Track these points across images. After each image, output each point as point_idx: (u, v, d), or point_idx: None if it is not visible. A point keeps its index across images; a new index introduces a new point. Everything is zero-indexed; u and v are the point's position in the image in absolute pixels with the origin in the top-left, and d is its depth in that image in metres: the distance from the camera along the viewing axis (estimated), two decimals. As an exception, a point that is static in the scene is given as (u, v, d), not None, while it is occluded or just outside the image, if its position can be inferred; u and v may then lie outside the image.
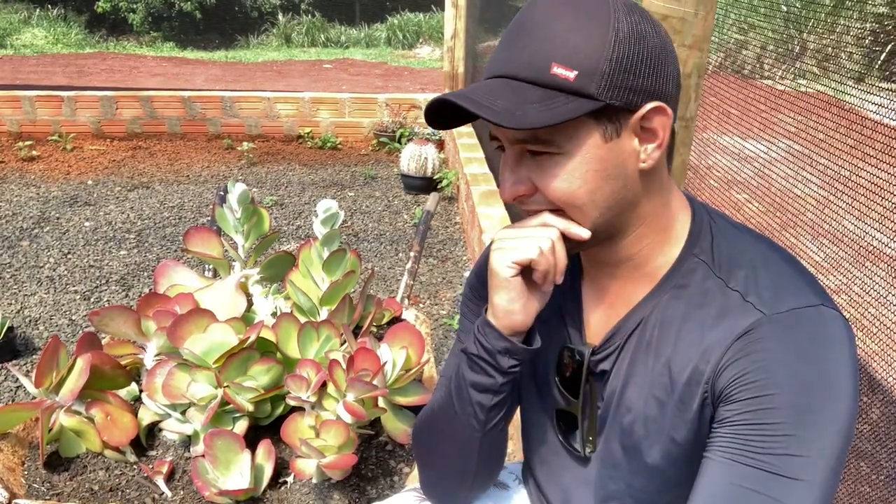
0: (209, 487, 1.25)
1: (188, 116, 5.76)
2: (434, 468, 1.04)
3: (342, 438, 1.23)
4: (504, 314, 0.85)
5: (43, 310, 3.07)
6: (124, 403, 1.41)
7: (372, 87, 8.06)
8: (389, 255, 3.66)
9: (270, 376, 1.38)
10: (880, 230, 1.16)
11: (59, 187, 4.62)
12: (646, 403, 0.84)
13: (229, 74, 8.90)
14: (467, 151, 4.16)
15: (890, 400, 1.27)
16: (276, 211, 4.26)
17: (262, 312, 1.76)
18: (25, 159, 5.15)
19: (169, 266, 1.79)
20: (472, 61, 5.21)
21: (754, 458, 0.72)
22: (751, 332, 0.75)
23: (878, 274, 1.20)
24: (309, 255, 1.74)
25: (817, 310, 0.75)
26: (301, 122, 5.80)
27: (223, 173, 4.96)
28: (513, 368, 0.88)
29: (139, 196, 4.51)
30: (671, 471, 0.85)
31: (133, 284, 3.31)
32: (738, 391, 0.75)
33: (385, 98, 5.78)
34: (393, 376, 1.40)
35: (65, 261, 3.55)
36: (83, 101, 5.64)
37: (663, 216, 0.83)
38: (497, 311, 0.85)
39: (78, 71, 8.75)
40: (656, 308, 0.84)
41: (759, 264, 0.80)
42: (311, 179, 4.89)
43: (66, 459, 1.35)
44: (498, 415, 0.93)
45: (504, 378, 0.88)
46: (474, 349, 0.88)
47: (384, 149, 5.57)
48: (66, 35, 11.54)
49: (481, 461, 0.98)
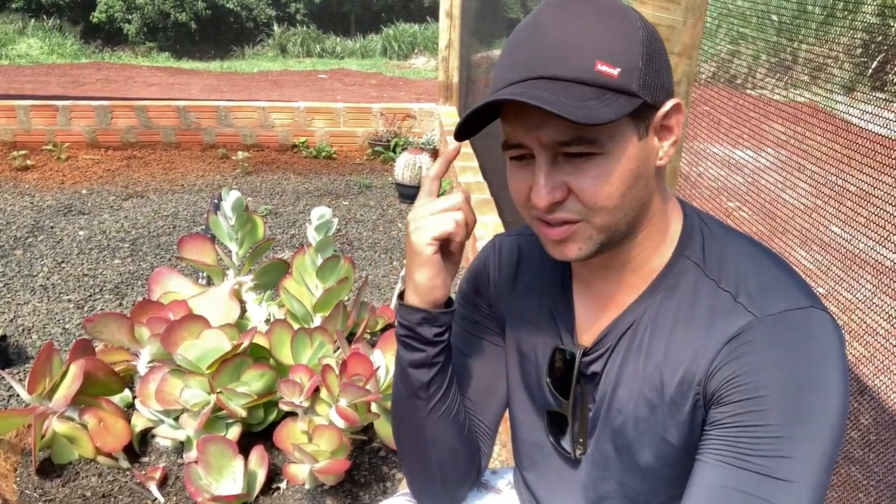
0: (202, 493, 1.25)
1: (183, 126, 5.77)
2: (405, 463, 1.05)
3: (335, 443, 1.23)
4: (427, 290, 0.87)
5: (36, 318, 3.05)
6: (117, 409, 1.41)
7: (367, 97, 8.09)
8: (384, 264, 3.67)
9: (264, 382, 1.38)
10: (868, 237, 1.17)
11: (53, 196, 4.61)
12: (636, 405, 0.85)
13: (224, 84, 8.91)
14: (462, 161, 4.18)
15: (879, 405, 1.28)
16: (271, 220, 4.26)
17: (255, 319, 1.77)
18: (20, 168, 5.14)
19: (163, 273, 1.80)
20: (466, 71, 5.23)
21: (746, 460, 0.73)
22: (742, 334, 0.75)
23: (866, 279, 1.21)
24: (303, 262, 1.75)
25: (807, 312, 0.75)
26: (296, 131, 5.81)
27: (218, 182, 4.96)
28: (438, 337, 0.90)
29: (133, 205, 4.50)
30: (664, 472, 0.85)
31: (127, 293, 3.30)
32: (729, 393, 0.75)
33: (380, 107, 5.80)
34: (386, 381, 1.40)
35: (58, 269, 3.54)
36: (78, 110, 5.64)
37: (663, 217, 0.84)
38: (420, 288, 0.87)
39: (73, 81, 8.75)
40: (648, 310, 0.84)
41: (749, 266, 0.80)
42: (306, 188, 4.90)
43: (59, 466, 1.35)
44: (438, 392, 0.94)
45: (433, 349, 0.90)
46: (401, 330, 0.90)
47: (379, 158, 5.58)
48: (62, 45, 11.55)
49: (436, 452, 0.98)
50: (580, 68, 0.72)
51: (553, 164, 0.77)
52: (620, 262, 0.85)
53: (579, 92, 0.71)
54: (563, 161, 0.76)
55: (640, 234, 0.83)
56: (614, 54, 0.72)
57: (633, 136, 0.75)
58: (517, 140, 0.78)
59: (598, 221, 0.78)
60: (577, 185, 0.76)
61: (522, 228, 1.03)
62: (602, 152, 0.74)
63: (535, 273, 0.99)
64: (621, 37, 0.73)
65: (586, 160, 0.75)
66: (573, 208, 0.78)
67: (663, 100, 0.76)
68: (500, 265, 1.02)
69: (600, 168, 0.75)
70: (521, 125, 0.77)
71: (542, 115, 0.72)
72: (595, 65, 0.72)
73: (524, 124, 0.76)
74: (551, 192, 0.76)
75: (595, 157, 0.75)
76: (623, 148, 0.75)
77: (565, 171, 0.76)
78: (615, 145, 0.74)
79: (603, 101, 0.71)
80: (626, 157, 0.75)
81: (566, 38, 0.73)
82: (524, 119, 0.76)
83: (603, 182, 0.75)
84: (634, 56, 0.73)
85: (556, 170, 0.77)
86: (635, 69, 0.73)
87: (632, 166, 0.76)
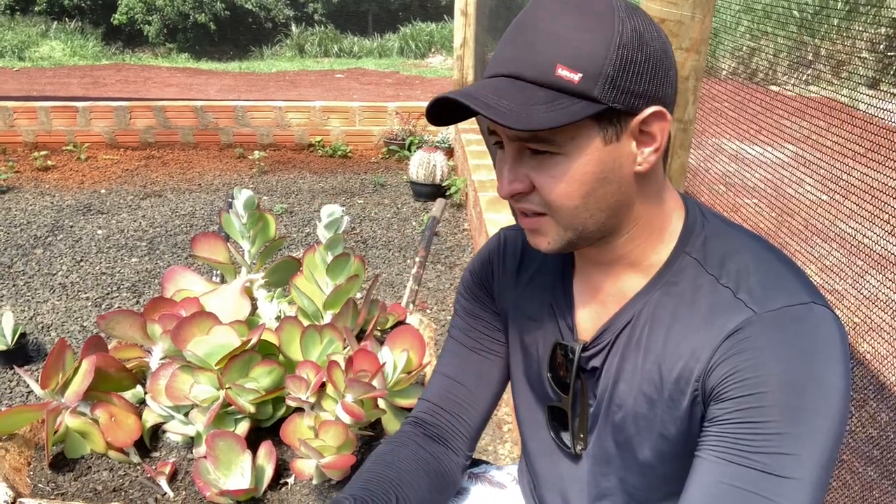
0: (210, 488, 1.26)
1: (200, 126, 5.83)
2: None
3: (341, 439, 1.24)
4: None
5: (55, 316, 3.10)
6: (128, 405, 1.42)
7: (383, 97, 8.11)
8: (397, 262, 3.68)
9: (272, 378, 1.39)
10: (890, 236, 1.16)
11: (72, 196, 4.68)
12: (636, 401, 0.85)
13: (242, 84, 8.99)
14: (476, 158, 4.18)
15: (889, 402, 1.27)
16: (286, 218, 4.29)
17: (266, 316, 1.78)
18: (40, 169, 5.23)
19: (176, 271, 1.82)
20: (480, 69, 5.23)
21: (745, 456, 0.72)
22: (741, 329, 0.75)
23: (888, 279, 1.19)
24: (313, 260, 1.76)
25: (808, 307, 0.75)
26: (312, 130, 5.85)
27: (234, 182, 5.01)
28: None
29: (151, 204, 4.56)
30: (662, 467, 0.85)
31: (144, 291, 3.34)
32: (728, 390, 0.75)
33: (395, 106, 5.82)
34: (393, 378, 1.40)
35: (77, 268, 3.60)
36: (97, 111, 5.73)
37: (657, 217, 0.84)
38: None
39: (93, 82, 8.87)
40: (647, 305, 0.84)
41: (750, 262, 0.80)
42: (322, 187, 4.93)
43: (71, 460, 1.37)
44: None
45: None
46: None
47: (394, 156, 5.60)
48: (83, 47, 11.72)
49: None
50: (541, 71, 0.74)
51: (519, 157, 0.79)
52: (613, 257, 0.86)
53: (529, 95, 0.73)
54: (528, 155, 0.78)
55: (626, 233, 0.83)
56: (578, 59, 0.73)
57: (596, 140, 0.75)
58: (493, 127, 0.80)
59: (560, 220, 0.80)
60: (537, 180, 0.78)
61: None
62: (561, 152, 0.76)
63: (537, 267, 0.99)
64: (592, 41, 0.73)
65: (549, 158, 0.77)
66: (536, 201, 0.80)
67: (641, 106, 0.75)
68: (503, 259, 1.03)
69: (559, 167, 0.76)
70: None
71: None
72: (556, 69, 0.73)
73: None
74: (511, 184, 0.79)
75: (556, 157, 0.76)
76: (584, 150, 0.75)
77: (529, 164, 0.79)
78: (575, 147, 0.75)
79: (551, 107, 0.72)
80: (586, 159, 0.76)
81: (536, 40, 0.75)
82: None
83: (559, 181, 0.77)
84: (603, 61, 0.72)
85: (521, 163, 0.79)
86: (600, 75, 0.72)
87: (593, 169, 0.76)
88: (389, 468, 0.97)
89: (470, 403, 1.05)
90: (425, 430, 1.04)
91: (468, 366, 1.05)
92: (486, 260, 1.05)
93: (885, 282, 1.19)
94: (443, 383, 1.06)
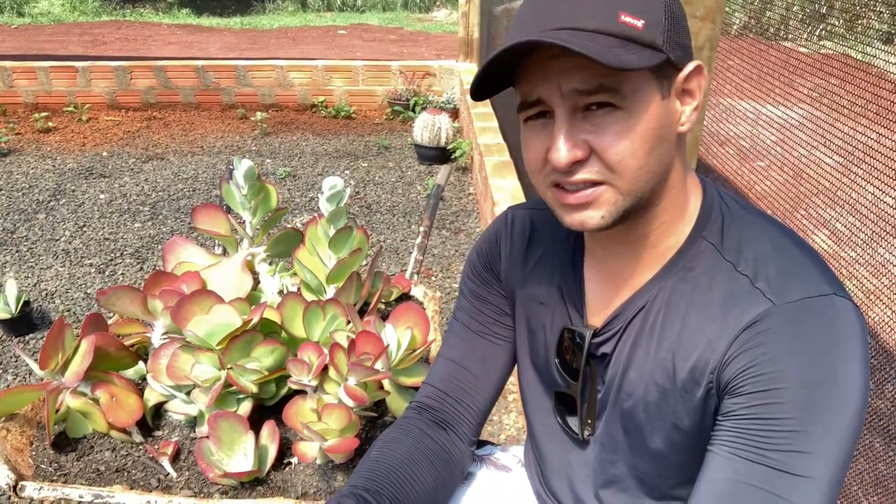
0: (213, 469, 1.25)
1: (202, 86, 5.74)
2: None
3: (344, 422, 1.23)
4: None
5: (59, 283, 3.09)
6: (129, 384, 1.41)
7: (386, 54, 7.97)
8: (402, 227, 3.64)
9: (274, 357, 1.37)
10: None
11: (74, 159, 4.64)
12: (647, 389, 0.82)
13: (244, 42, 8.83)
14: (481, 121, 4.10)
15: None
16: (290, 182, 4.24)
17: (268, 291, 1.76)
18: (42, 131, 5.17)
19: (177, 243, 1.79)
20: (487, 26, 5.10)
21: (760, 453, 0.70)
22: (759, 322, 0.72)
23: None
24: (315, 233, 1.72)
25: (829, 299, 0.72)
26: (314, 90, 5.75)
27: (237, 144, 4.95)
28: None
29: (153, 168, 4.51)
30: (674, 457, 0.84)
31: (147, 257, 3.32)
32: (744, 384, 0.72)
33: (399, 65, 5.71)
34: (398, 357, 1.38)
35: (80, 234, 3.58)
36: (98, 71, 5.64)
37: (683, 190, 0.80)
38: None
39: (93, 40, 8.73)
40: (661, 291, 0.81)
41: (769, 249, 0.76)
42: (325, 150, 4.86)
43: (74, 440, 1.36)
44: None
45: None
46: None
47: (398, 118, 5.51)
48: (83, 2, 11.52)
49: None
50: (604, 18, 0.69)
51: (572, 121, 0.72)
52: (636, 236, 0.81)
53: (605, 41, 0.68)
54: (581, 119, 0.72)
55: (659, 205, 0.79)
56: (638, 6, 0.69)
57: (656, 94, 0.71)
58: (535, 95, 0.73)
59: (622, 185, 0.73)
60: (598, 143, 0.72)
61: (535, 202, 1.00)
62: (623, 107, 0.70)
63: (546, 249, 0.95)
64: None
65: (607, 115, 0.71)
66: (594, 168, 0.73)
67: (685, 60, 0.73)
68: (511, 239, 0.99)
69: (621, 124, 0.71)
70: (539, 77, 0.72)
71: (564, 65, 0.69)
72: (619, 15, 0.68)
73: (542, 76, 0.72)
74: (572, 150, 0.72)
75: (616, 112, 0.71)
76: (645, 105, 0.71)
77: (585, 129, 0.72)
78: (637, 101, 0.71)
79: (629, 50, 0.68)
80: (648, 114, 0.71)
81: None
82: (542, 71, 0.72)
83: (626, 138, 0.71)
84: (658, 10, 0.70)
85: (577, 127, 0.72)
86: (659, 23, 0.70)
87: (654, 125, 0.72)
88: (394, 459, 0.95)
89: (476, 389, 1.03)
90: (431, 416, 1.02)
91: (474, 350, 1.03)
92: (493, 240, 1.02)
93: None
94: (448, 368, 1.03)
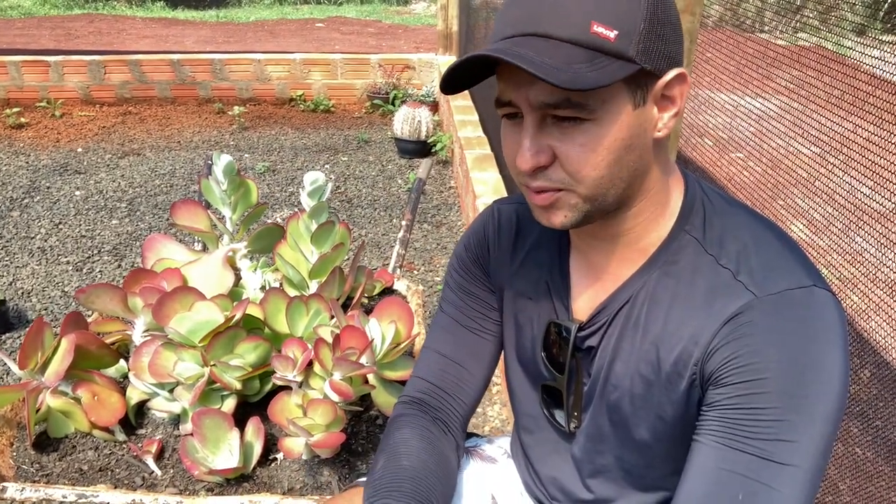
0: (198, 466, 1.25)
1: (178, 80, 5.66)
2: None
3: (330, 417, 1.23)
4: None
5: (35, 281, 3.05)
6: (111, 383, 1.39)
7: (365, 47, 7.92)
8: (383, 221, 3.63)
9: (258, 354, 1.37)
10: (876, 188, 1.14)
11: (48, 155, 4.56)
12: (633, 381, 0.83)
13: (220, 35, 8.74)
14: (461, 114, 4.10)
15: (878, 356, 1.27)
16: (269, 177, 4.21)
17: (250, 287, 1.75)
18: (14, 127, 5.08)
19: (156, 240, 1.77)
20: (466, 19, 5.10)
21: (744, 442, 0.72)
22: (741, 314, 0.73)
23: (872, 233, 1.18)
24: (297, 228, 1.71)
25: (809, 291, 0.73)
26: (293, 84, 5.71)
27: (214, 139, 4.90)
28: None
29: (130, 163, 4.45)
30: (659, 447, 0.85)
31: (125, 254, 3.28)
32: (727, 375, 0.74)
33: (378, 58, 5.68)
34: (382, 351, 1.38)
35: (56, 231, 3.52)
36: (70, 65, 5.54)
37: (663, 190, 0.81)
38: None
39: (65, 34, 8.58)
40: (645, 285, 0.82)
41: (751, 242, 0.78)
42: (304, 144, 4.83)
43: (55, 440, 1.35)
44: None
45: None
46: None
47: (377, 111, 5.49)
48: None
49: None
50: (574, 28, 0.68)
51: (541, 127, 0.73)
52: (614, 233, 0.82)
53: (568, 53, 0.68)
54: (551, 124, 0.73)
55: (635, 206, 0.80)
56: (613, 16, 0.68)
57: (627, 104, 0.71)
58: (507, 97, 0.74)
59: (581, 191, 0.74)
60: (562, 151, 0.73)
61: (520, 196, 1.00)
62: (592, 118, 0.71)
63: (533, 243, 0.96)
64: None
65: (575, 125, 0.71)
66: (555, 177, 0.74)
67: (665, 68, 0.72)
68: (499, 233, 1.00)
69: (588, 135, 0.71)
70: (511, 82, 0.73)
71: (532, 77, 0.69)
72: (591, 25, 0.68)
73: (514, 82, 0.72)
74: (535, 156, 0.73)
75: (584, 123, 0.71)
76: (615, 115, 0.71)
77: (552, 135, 0.73)
78: (606, 112, 0.71)
79: (593, 65, 0.67)
80: (617, 125, 0.71)
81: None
82: (514, 76, 0.72)
83: (589, 150, 0.72)
84: (636, 19, 0.69)
85: (544, 133, 0.73)
86: (634, 33, 0.68)
87: (623, 135, 0.72)
88: (422, 466, 0.93)
89: (466, 384, 1.03)
90: (430, 413, 1.01)
91: (463, 345, 1.03)
92: (480, 235, 1.02)
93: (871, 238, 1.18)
94: (438, 362, 1.03)
